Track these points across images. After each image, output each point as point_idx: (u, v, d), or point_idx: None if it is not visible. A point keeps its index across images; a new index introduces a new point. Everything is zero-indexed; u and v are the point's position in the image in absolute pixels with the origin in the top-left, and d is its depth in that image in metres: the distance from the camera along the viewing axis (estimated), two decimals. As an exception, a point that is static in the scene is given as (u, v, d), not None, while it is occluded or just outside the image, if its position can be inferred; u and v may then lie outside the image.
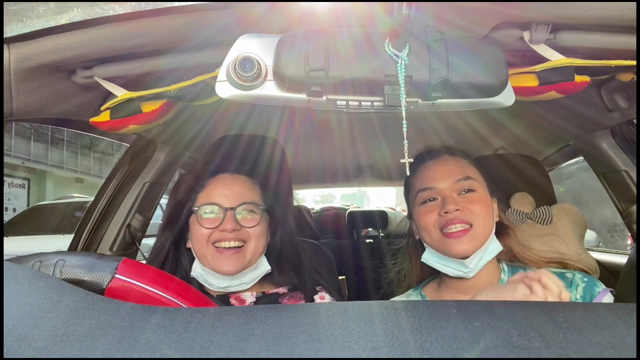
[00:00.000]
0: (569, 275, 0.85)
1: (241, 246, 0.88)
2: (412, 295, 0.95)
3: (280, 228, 0.97)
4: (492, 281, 0.86)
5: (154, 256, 0.96)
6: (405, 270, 1.00)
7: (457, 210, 0.82)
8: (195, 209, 0.90)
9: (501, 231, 0.90)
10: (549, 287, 0.65)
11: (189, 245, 0.94)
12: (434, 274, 0.97)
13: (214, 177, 0.94)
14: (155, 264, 0.94)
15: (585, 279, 0.84)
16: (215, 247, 0.87)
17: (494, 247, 0.84)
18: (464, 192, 0.85)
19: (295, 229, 1.01)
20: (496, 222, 0.88)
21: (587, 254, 1.24)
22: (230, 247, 0.87)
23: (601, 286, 0.83)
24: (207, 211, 0.90)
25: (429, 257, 0.87)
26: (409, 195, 0.93)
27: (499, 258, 0.89)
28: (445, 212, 0.82)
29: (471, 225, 0.81)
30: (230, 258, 0.86)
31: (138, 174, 1.41)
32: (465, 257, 0.81)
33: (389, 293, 1.03)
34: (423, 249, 0.91)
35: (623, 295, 0.94)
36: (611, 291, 0.83)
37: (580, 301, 0.81)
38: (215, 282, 0.88)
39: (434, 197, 0.86)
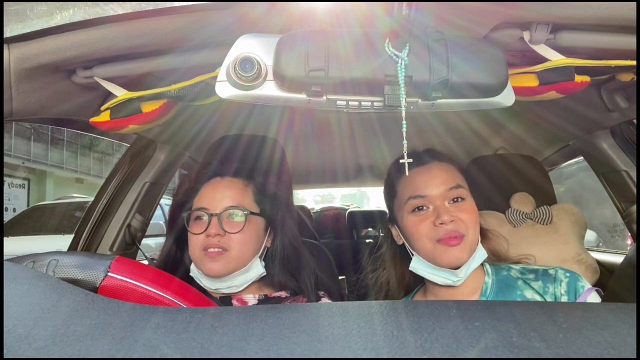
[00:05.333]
0: (551, 271, 0.86)
1: (226, 250, 0.87)
2: None
3: (280, 231, 0.96)
4: (477, 286, 0.86)
5: (163, 259, 0.97)
6: (384, 279, 0.98)
7: (452, 221, 0.81)
8: (185, 214, 0.91)
9: (480, 235, 0.90)
10: None
11: None
12: (415, 282, 0.96)
13: (207, 182, 0.94)
14: (167, 267, 0.94)
15: (568, 274, 0.84)
16: (204, 251, 0.87)
17: (481, 254, 0.84)
18: (453, 201, 0.84)
19: (297, 232, 0.99)
20: None
21: (587, 254, 1.24)
22: (214, 251, 0.87)
23: (583, 281, 0.84)
24: (196, 216, 0.90)
25: (418, 266, 0.86)
26: (395, 201, 0.92)
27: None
28: (441, 223, 0.81)
29: (463, 236, 0.81)
30: (214, 261, 0.86)
31: (138, 174, 1.41)
32: (456, 267, 0.81)
33: (389, 293, 1.03)
34: (407, 254, 0.90)
35: (617, 292, 0.94)
36: (597, 290, 0.83)
37: (565, 296, 0.82)
38: (207, 284, 0.89)
39: (425, 205, 0.84)
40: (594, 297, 0.82)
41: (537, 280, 0.85)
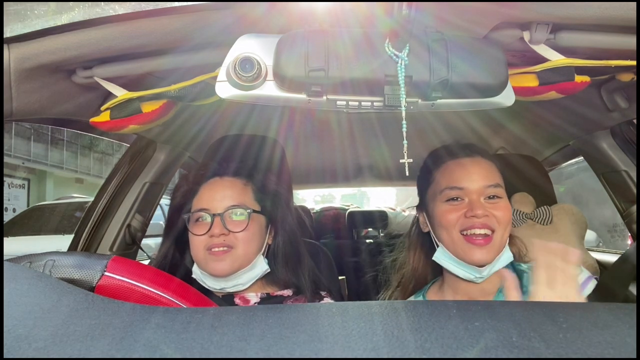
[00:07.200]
0: None
1: (231, 249, 0.88)
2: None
3: (281, 229, 0.97)
4: (498, 283, 0.86)
5: (160, 262, 0.97)
6: (401, 261, 0.99)
7: (485, 216, 0.81)
8: (185, 216, 0.91)
9: None
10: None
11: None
12: (433, 273, 0.96)
13: (206, 183, 0.94)
14: (165, 270, 0.93)
15: None
16: (208, 251, 0.87)
17: (507, 256, 0.84)
18: (490, 198, 0.84)
19: (296, 230, 1.00)
20: None
21: (587, 254, 1.24)
22: (220, 250, 0.87)
23: (583, 269, 0.84)
24: (197, 218, 0.90)
25: (442, 257, 0.86)
26: (430, 188, 0.91)
27: None
28: (473, 216, 0.81)
29: (493, 232, 0.81)
30: (220, 260, 0.86)
31: (138, 174, 1.41)
32: (481, 266, 0.81)
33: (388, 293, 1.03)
34: (430, 243, 0.90)
35: (608, 284, 0.94)
36: (596, 278, 0.84)
37: None
38: (211, 284, 0.89)
39: (460, 197, 0.84)
40: (592, 286, 0.82)
41: None
